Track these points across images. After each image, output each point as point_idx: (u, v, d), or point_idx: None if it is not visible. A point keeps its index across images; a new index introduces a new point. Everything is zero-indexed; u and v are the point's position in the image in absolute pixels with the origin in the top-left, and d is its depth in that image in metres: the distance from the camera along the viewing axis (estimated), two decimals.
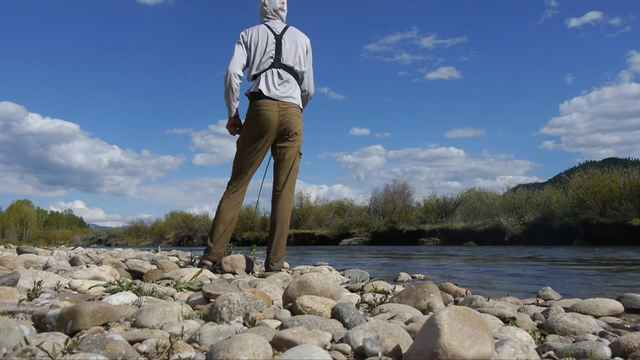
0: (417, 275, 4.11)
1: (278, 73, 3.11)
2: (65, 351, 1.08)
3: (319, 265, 4.38)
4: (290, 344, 1.13)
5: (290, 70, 3.15)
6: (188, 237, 31.86)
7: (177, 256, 4.79)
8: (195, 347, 1.20)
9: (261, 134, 3.08)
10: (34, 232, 44.49)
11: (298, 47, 3.20)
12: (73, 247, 8.23)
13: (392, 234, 23.31)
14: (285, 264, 3.76)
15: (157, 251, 5.70)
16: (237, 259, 3.11)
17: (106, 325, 1.38)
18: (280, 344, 1.15)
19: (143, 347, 1.16)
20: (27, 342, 1.11)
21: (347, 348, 1.19)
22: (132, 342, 1.18)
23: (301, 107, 3.22)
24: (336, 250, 14.50)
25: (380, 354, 1.12)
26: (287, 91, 3.10)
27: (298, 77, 3.22)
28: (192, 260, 3.74)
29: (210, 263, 3.11)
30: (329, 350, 1.18)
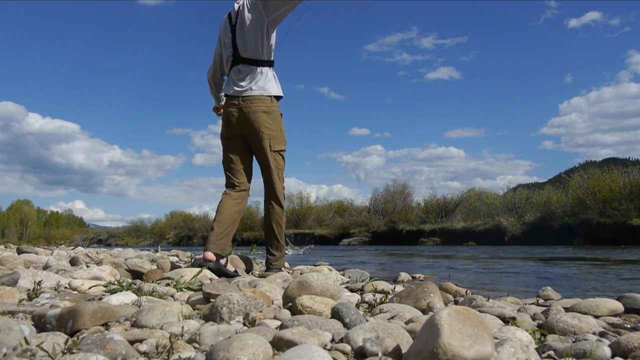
0: (417, 275, 4.11)
1: (238, 70, 3.06)
2: (65, 351, 1.08)
3: (319, 265, 4.38)
4: (290, 344, 1.13)
5: (249, 61, 3.03)
6: (188, 237, 31.83)
7: (177, 256, 4.79)
8: (195, 347, 1.20)
9: (226, 130, 3.10)
10: (34, 232, 44.35)
11: (250, 30, 2.97)
12: (73, 247, 8.22)
13: (392, 234, 23.29)
14: (285, 264, 3.76)
15: (157, 251, 5.70)
16: (237, 259, 3.12)
17: (106, 325, 1.38)
18: (280, 344, 1.15)
19: (143, 347, 1.16)
20: (27, 342, 1.11)
21: (347, 348, 1.19)
22: (132, 342, 1.18)
23: (270, 94, 3.02)
24: (336, 250, 14.49)
25: (380, 354, 1.12)
26: (247, 84, 3.01)
27: (262, 63, 3.03)
28: (193, 261, 3.74)
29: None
30: (329, 350, 1.18)
